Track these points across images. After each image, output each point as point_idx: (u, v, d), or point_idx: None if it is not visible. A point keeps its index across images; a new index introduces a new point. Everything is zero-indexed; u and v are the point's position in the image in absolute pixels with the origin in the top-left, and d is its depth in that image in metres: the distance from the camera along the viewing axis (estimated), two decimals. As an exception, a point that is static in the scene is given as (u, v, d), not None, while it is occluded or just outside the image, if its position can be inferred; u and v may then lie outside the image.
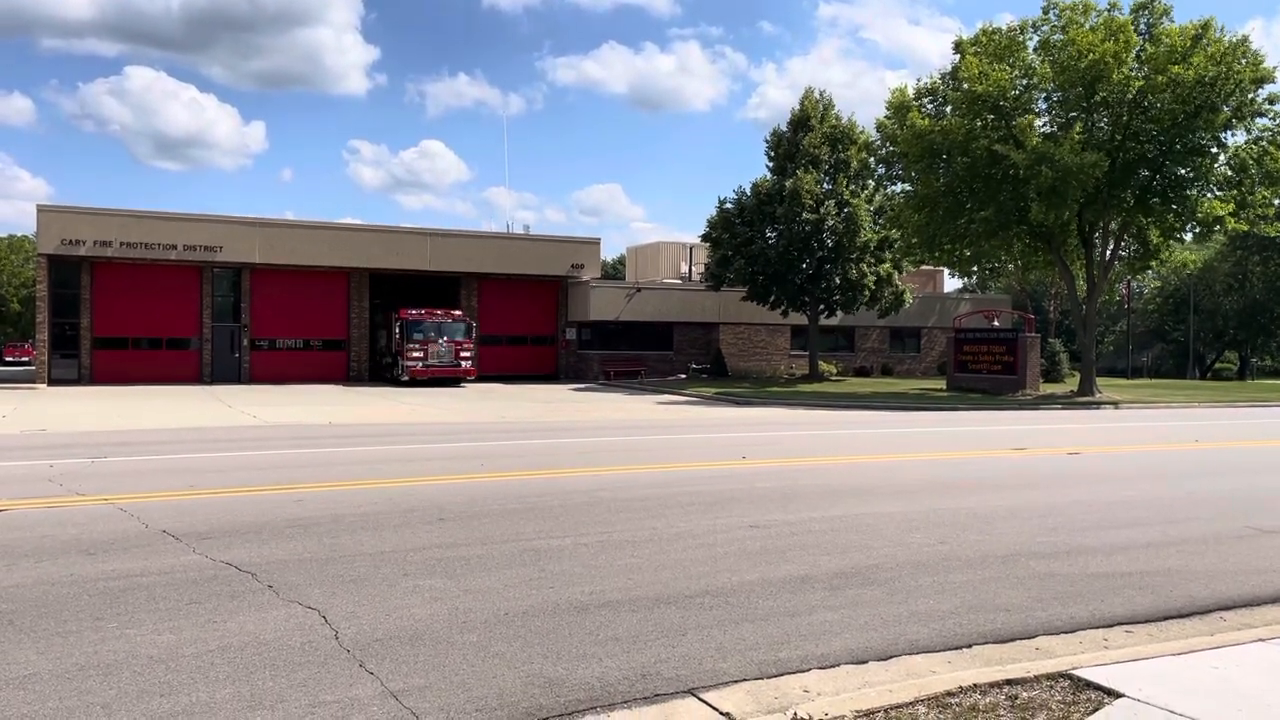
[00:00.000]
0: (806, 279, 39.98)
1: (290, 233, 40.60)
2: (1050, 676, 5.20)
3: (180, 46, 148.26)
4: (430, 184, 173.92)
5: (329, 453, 15.68)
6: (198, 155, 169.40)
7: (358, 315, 42.09)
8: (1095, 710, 4.73)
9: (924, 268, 51.18)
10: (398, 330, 37.83)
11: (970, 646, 5.92)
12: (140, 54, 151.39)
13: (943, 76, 35.93)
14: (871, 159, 39.58)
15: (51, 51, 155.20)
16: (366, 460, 14.60)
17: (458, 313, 39.49)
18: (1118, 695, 4.90)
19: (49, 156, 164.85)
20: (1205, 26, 31.79)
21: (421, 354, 37.29)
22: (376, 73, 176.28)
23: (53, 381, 36.48)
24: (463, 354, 38.38)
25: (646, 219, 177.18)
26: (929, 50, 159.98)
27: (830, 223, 38.74)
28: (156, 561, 7.51)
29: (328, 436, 18.55)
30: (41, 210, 36.83)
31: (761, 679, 5.25)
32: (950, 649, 5.87)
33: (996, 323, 42.66)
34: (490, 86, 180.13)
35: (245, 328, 40.21)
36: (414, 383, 36.99)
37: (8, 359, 67.37)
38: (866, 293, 40.37)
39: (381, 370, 40.92)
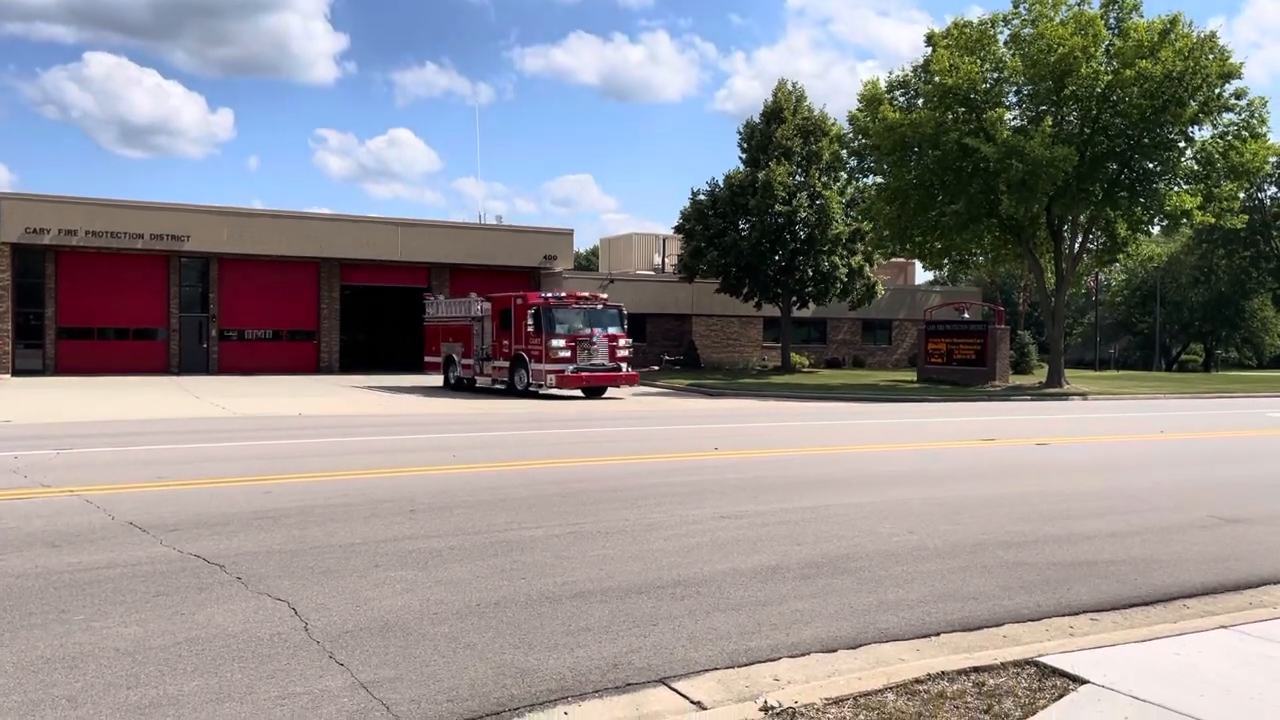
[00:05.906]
0: (779, 270, 40.12)
1: (259, 222, 40.16)
2: (1017, 664, 5.26)
3: (144, 33, 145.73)
4: (399, 173, 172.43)
5: (297, 444, 15.56)
6: (163, 143, 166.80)
7: (328, 306, 41.74)
8: (1060, 696, 4.79)
9: (895, 260, 51.57)
10: (530, 322, 27.73)
11: (939, 635, 5.98)
12: (102, 39, 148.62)
13: (914, 69, 36.06)
14: (843, 151, 39.70)
15: (9, 37, 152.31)
16: (335, 452, 14.50)
17: (604, 295, 30.76)
18: (1083, 681, 4.97)
19: (10, 143, 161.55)
20: (1173, 22, 32.12)
21: (569, 354, 27.54)
22: (345, 61, 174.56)
23: (16, 372, 35.93)
24: (619, 353, 28.64)
25: (619, 210, 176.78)
26: (899, 41, 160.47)
27: (802, 214, 38.86)
28: (123, 553, 7.43)
29: (295, 428, 18.40)
30: (4, 198, 36.22)
31: (732, 668, 5.28)
32: (919, 637, 5.92)
33: (967, 315, 43.08)
34: (459, 75, 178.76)
35: (213, 318, 39.77)
36: (550, 395, 28.43)
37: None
38: (838, 284, 40.53)
39: (502, 376, 29.56)
